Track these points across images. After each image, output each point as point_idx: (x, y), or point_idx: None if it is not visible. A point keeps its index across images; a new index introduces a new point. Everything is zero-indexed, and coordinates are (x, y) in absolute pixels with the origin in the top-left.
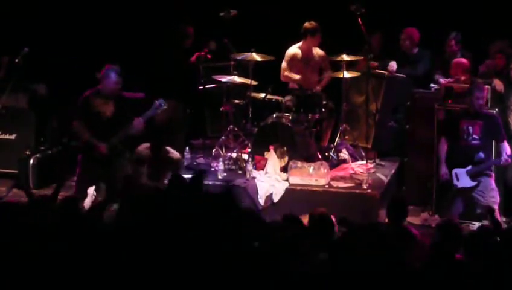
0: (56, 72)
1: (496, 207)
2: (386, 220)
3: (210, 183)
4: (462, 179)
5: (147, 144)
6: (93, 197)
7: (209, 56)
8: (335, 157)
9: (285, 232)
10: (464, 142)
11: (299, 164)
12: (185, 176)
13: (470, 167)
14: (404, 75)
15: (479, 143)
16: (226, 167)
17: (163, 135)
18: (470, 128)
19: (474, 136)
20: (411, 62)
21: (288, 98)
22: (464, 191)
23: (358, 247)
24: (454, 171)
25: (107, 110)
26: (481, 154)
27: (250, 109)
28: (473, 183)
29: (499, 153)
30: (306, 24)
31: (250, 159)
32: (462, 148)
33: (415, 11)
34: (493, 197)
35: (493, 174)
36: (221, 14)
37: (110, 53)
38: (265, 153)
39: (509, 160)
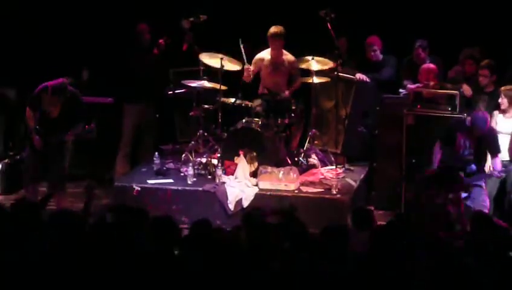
0: (26, 76)
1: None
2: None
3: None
4: None
5: None
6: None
7: (168, 41)
8: (304, 162)
9: None
10: (458, 154)
11: (269, 169)
12: (153, 181)
13: None
14: (372, 81)
15: (473, 156)
16: (196, 172)
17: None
18: (467, 142)
19: (470, 149)
20: (377, 69)
21: (257, 103)
22: None
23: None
24: None
25: (55, 110)
26: (473, 167)
27: (220, 114)
28: (465, 195)
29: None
30: (270, 28)
31: (219, 164)
32: (456, 159)
33: (380, 17)
34: (484, 201)
35: (484, 185)
36: (191, 19)
37: (80, 57)
38: (235, 158)
39: (496, 173)
